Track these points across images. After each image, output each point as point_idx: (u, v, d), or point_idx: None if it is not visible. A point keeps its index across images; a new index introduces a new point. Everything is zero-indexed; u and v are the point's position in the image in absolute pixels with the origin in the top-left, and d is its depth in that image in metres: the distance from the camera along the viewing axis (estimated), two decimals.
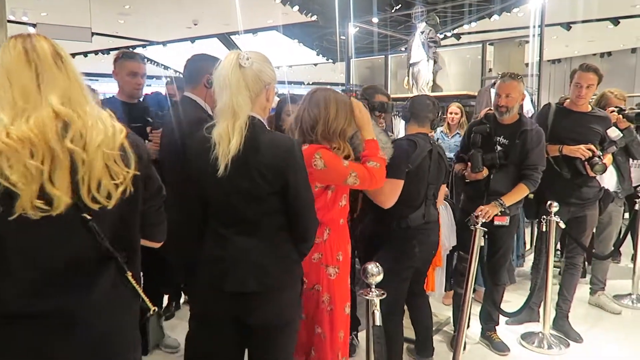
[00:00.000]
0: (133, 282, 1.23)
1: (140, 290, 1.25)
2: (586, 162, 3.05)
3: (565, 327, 3.39)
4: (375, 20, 7.66)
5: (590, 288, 3.96)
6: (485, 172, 2.84)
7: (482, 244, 2.49)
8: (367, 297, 1.74)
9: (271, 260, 1.62)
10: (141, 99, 3.04)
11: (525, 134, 2.87)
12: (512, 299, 3.58)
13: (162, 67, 15.13)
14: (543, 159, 2.94)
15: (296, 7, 8.52)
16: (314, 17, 9.25)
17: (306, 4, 8.85)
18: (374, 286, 1.75)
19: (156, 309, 1.32)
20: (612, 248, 3.79)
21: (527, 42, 10.58)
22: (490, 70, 6.48)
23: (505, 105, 2.87)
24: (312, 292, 2.00)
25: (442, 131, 5.13)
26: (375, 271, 1.74)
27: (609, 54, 13.92)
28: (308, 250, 1.75)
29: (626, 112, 3.34)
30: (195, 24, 10.14)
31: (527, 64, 8.94)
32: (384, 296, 1.75)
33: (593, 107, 3.30)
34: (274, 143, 1.58)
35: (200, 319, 1.74)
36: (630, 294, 4.01)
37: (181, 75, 2.50)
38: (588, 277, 4.06)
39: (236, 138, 1.51)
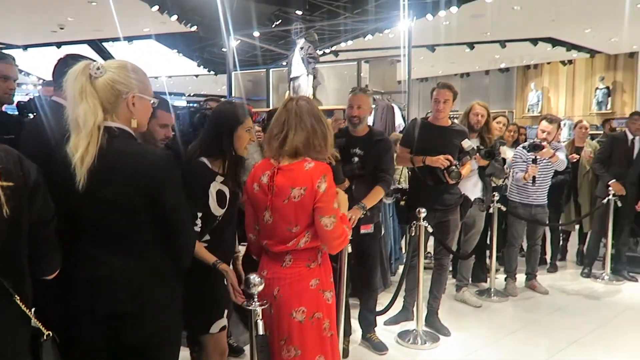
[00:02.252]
0: (22, 306, 1.14)
1: (30, 314, 1.16)
2: (445, 171, 3.38)
3: (436, 323, 3.69)
4: (256, 34, 7.74)
5: (455, 285, 4.38)
6: (347, 183, 2.99)
7: (349, 251, 2.63)
8: (249, 308, 1.75)
9: (146, 278, 1.57)
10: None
11: (378, 143, 3.13)
12: (388, 300, 3.80)
13: (24, 73, 13.69)
14: (393, 163, 3.25)
15: (174, 17, 8.28)
16: (194, 28, 9.07)
17: (185, 14, 8.64)
18: (256, 296, 1.76)
19: (50, 334, 1.22)
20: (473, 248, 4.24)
21: (399, 61, 11.38)
22: (366, 86, 6.87)
23: (358, 115, 3.11)
24: (312, 321, 1.90)
25: None
26: (257, 281, 1.76)
27: (467, 74, 15.53)
28: (187, 265, 1.71)
29: (481, 150, 3.77)
30: (61, 28, 9.36)
31: (399, 82, 9.63)
32: (267, 305, 1.78)
33: (452, 122, 3.68)
34: (140, 156, 1.55)
35: (70, 346, 1.62)
36: (489, 289, 4.50)
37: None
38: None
39: (82, 149, 1.47)
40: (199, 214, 1.93)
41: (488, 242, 4.60)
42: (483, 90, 15.59)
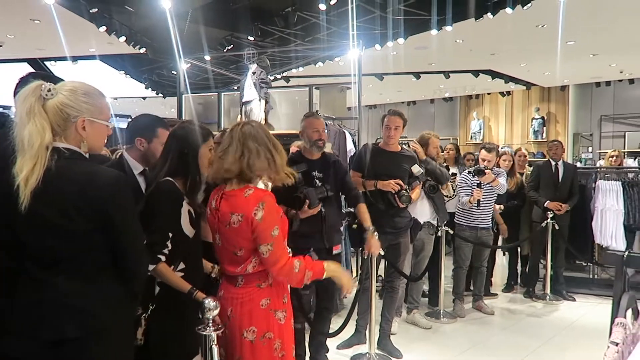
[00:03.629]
0: None
1: None
2: (395, 195, 3.47)
3: (388, 345, 3.72)
4: (207, 57, 7.72)
5: (406, 307, 4.44)
6: (319, 206, 3.03)
7: None
8: (204, 333, 1.71)
9: (95, 302, 1.52)
10: None
11: (335, 164, 3.23)
12: (339, 323, 3.79)
13: None
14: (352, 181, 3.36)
15: (122, 38, 8.12)
16: (143, 50, 8.92)
17: (134, 35, 8.50)
18: (211, 321, 1.72)
19: None
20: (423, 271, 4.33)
21: (349, 88, 11.65)
22: (317, 111, 6.98)
23: (323, 139, 3.17)
24: (263, 341, 1.88)
25: None
26: (211, 306, 1.72)
27: (414, 102, 16.11)
28: (139, 289, 1.66)
29: (427, 184, 3.99)
30: (0, 46, 8.96)
31: (349, 108, 9.81)
32: (222, 330, 1.74)
33: (402, 147, 3.79)
34: (88, 176, 1.51)
35: None
36: (438, 310, 4.59)
37: None
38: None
39: (27, 170, 1.43)
40: (170, 235, 1.88)
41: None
42: (429, 118, 16.20)
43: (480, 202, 4.46)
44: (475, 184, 4.48)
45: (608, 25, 7.51)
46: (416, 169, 3.62)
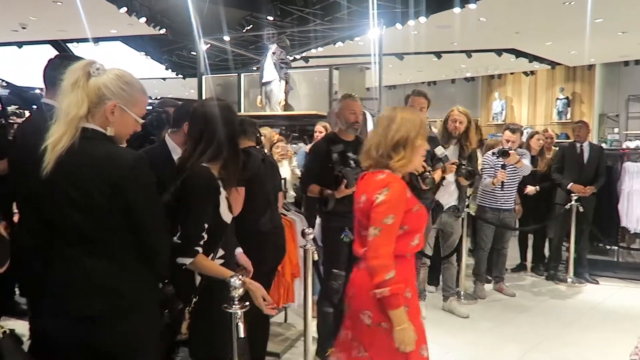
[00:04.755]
0: None
1: None
2: (419, 177, 3.44)
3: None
4: (227, 38, 7.69)
5: (442, 295, 4.37)
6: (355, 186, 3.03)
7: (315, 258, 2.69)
8: (230, 311, 1.73)
9: (121, 281, 1.55)
10: None
11: None
12: None
13: None
14: None
15: (143, 19, 8.14)
16: (163, 31, 8.94)
17: (154, 17, 8.51)
18: (236, 299, 1.75)
19: (8, 330, 1.17)
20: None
21: (368, 68, 11.51)
22: (336, 92, 6.93)
23: (359, 121, 3.17)
24: (379, 329, 1.84)
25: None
26: (237, 284, 1.74)
27: (435, 82, 15.86)
28: (164, 272, 1.68)
29: (462, 169, 3.79)
30: (23, 28, 9.06)
31: (367, 89, 9.72)
32: (247, 308, 1.76)
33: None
34: (109, 156, 1.53)
35: (44, 348, 1.57)
36: (459, 292, 4.57)
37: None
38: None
39: (57, 136, 1.49)
40: (206, 225, 1.81)
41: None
42: (450, 98, 15.92)
43: (504, 184, 4.39)
44: (500, 165, 4.41)
45: (638, 2, 7.23)
46: (440, 151, 3.57)
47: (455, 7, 7.11)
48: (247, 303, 1.76)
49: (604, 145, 11.34)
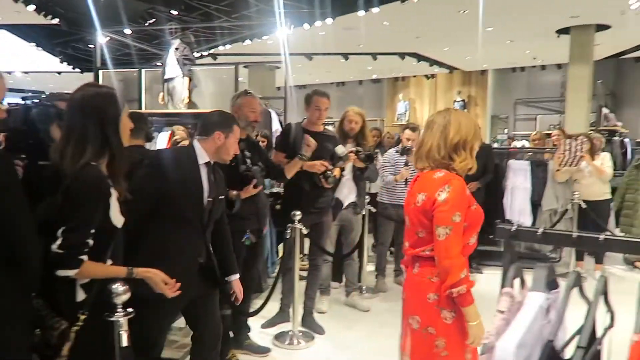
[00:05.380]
0: None
1: None
2: (322, 176, 3.51)
3: (311, 323, 3.79)
4: (127, 31, 7.30)
5: (345, 290, 4.47)
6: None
7: None
8: (111, 319, 1.64)
9: None
10: None
11: (256, 144, 3.32)
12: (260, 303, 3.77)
13: None
14: None
15: (32, 7, 7.50)
16: (55, 21, 8.29)
17: (45, 5, 7.87)
18: (120, 306, 1.66)
19: None
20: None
21: (278, 67, 11.49)
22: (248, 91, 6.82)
23: (258, 120, 3.22)
24: (425, 334, 1.85)
25: None
26: (120, 290, 1.65)
27: (343, 83, 16.27)
28: (34, 284, 1.53)
29: (360, 154, 3.87)
30: None
31: (278, 88, 9.69)
32: (131, 316, 1.68)
33: (325, 128, 3.81)
34: None
35: None
36: (361, 286, 4.72)
37: None
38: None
39: None
40: (92, 231, 1.66)
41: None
42: (358, 99, 16.38)
43: (408, 181, 4.61)
44: (403, 163, 4.61)
45: (522, 13, 7.94)
46: (340, 150, 3.66)
47: (360, 10, 7.33)
48: (131, 310, 1.67)
49: (495, 144, 12.32)
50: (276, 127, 5.76)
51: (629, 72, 12.33)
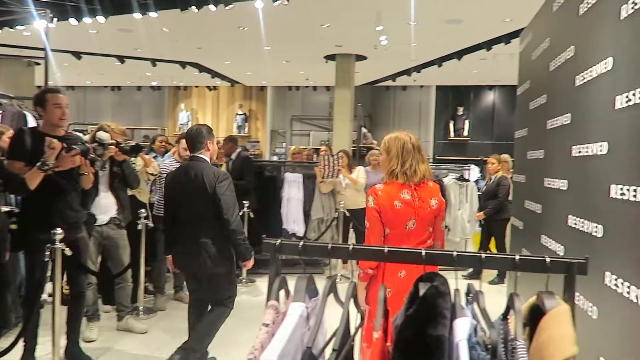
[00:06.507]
0: None
1: None
2: (87, 162, 3.08)
3: (78, 354, 3.35)
4: None
5: (117, 315, 4.07)
6: None
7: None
8: None
9: None
10: None
11: None
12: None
13: None
14: None
15: None
16: None
17: None
18: None
19: None
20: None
21: (38, 64, 10.06)
22: None
23: None
24: None
25: None
26: None
27: (119, 88, 15.11)
28: None
29: (122, 145, 3.58)
30: None
31: (39, 87, 8.44)
32: None
33: (67, 131, 3.41)
34: None
35: None
36: (137, 307, 4.39)
37: None
38: None
39: None
40: None
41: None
42: (136, 105, 15.47)
43: None
44: None
45: (296, 37, 8.61)
46: (104, 135, 3.37)
47: (136, 12, 6.91)
48: None
49: (275, 157, 13.03)
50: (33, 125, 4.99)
51: (382, 98, 14.49)
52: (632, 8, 1.83)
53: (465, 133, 13.59)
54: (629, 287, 1.75)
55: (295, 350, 1.08)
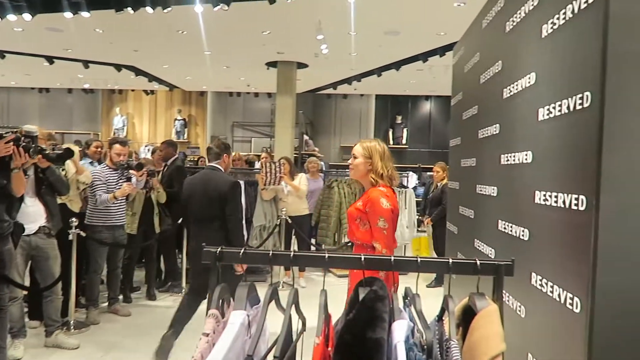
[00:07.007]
0: None
1: None
2: (24, 150, 2.94)
3: None
4: None
5: (45, 330, 3.85)
6: None
7: None
8: None
9: None
10: None
11: None
12: None
13: None
14: None
15: None
16: None
17: None
18: None
19: None
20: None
21: None
22: None
23: None
24: None
25: None
26: None
27: (47, 90, 14.32)
28: None
29: (47, 152, 3.33)
30: None
31: None
32: None
33: None
34: None
35: None
36: (68, 321, 4.16)
37: None
38: None
39: None
40: None
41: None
42: (66, 109, 14.73)
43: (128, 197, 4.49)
44: (126, 179, 4.42)
45: (237, 43, 8.54)
46: (32, 128, 3.16)
47: (66, 11, 6.59)
48: None
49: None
50: None
51: (323, 106, 14.65)
52: (552, 28, 1.97)
53: (404, 141, 14.01)
54: (552, 287, 1.88)
55: (236, 359, 1.07)
